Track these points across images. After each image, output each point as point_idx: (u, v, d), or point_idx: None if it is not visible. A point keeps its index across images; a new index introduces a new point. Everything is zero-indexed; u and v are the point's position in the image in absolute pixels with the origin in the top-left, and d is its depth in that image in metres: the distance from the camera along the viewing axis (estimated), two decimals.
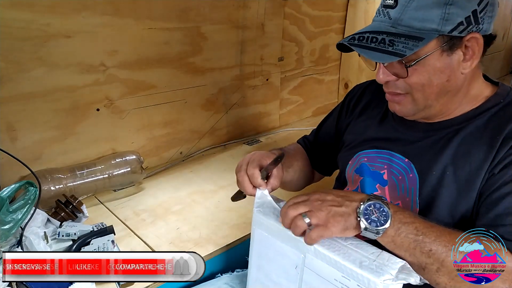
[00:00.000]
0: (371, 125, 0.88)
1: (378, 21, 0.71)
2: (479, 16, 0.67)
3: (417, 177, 0.76)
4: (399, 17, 0.68)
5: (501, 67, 2.29)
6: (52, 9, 1.04)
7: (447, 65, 0.69)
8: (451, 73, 0.70)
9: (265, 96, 1.70)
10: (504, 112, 0.73)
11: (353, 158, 0.88)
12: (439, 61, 0.68)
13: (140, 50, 1.24)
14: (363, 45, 0.69)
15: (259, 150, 0.85)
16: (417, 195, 0.75)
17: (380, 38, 0.68)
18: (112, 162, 1.21)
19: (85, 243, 0.91)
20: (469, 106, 0.76)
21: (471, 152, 0.71)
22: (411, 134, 0.80)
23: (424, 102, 0.73)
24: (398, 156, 0.80)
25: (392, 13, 0.69)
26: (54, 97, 1.11)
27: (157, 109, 1.35)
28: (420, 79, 0.69)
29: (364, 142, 0.87)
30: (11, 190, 0.90)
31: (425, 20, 0.66)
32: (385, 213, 0.63)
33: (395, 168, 0.80)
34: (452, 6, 0.65)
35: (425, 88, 0.71)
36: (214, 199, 1.21)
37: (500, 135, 0.69)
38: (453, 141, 0.74)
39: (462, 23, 0.66)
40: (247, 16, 1.48)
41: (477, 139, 0.72)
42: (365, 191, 0.83)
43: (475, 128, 0.73)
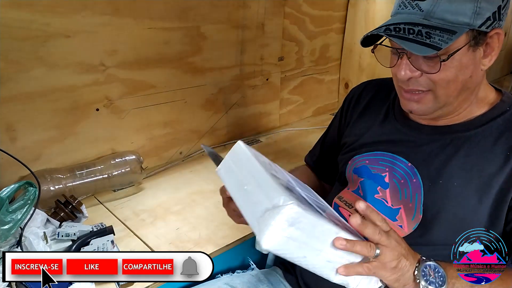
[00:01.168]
0: (372, 126, 0.87)
1: (406, 13, 0.69)
2: (501, 12, 0.67)
3: (421, 183, 0.75)
4: (432, 10, 0.66)
5: (501, 67, 2.29)
6: (52, 9, 1.04)
7: (472, 61, 0.68)
8: (474, 69, 0.69)
9: (265, 96, 1.70)
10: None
11: (353, 159, 0.86)
12: (466, 56, 0.67)
13: (140, 50, 1.24)
14: (401, 36, 0.66)
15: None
16: (421, 202, 0.74)
17: (417, 30, 0.65)
18: (112, 162, 1.21)
19: (85, 243, 0.91)
20: (476, 110, 0.75)
21: (482, 165, 0.70)
22: (415, 136, 0.79)
23: (445, 100, 0.71)
24: (401, 159, 0.78)
25: (423, 5, 0.67)
26: (54, 97, 1.11)
27: (156, 109, 1.35)
28: (447, 75, 0.68)
29: (365, 143, 0.86)
30: (11, 190, 0.89)
31: (458, 14, 0.65)
32: (441, 274, 0.63)
33: (398, 171, 0.78)
34: (483, 1, 0.65)
35: (450, 85, 0.69)
36: (214, 199, 1.20)
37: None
38: (461, 150, 0.73)
39: (490, 18, 0.66)
40: (247, 16, 1.48)
41: (488, 151, 0.71)
42: (366, 193, 0.81)
43: (484, 138, 0.72)
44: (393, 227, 0.69)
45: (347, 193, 0.86)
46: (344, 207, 0.84)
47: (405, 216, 0.75)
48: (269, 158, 0.72)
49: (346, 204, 0.84)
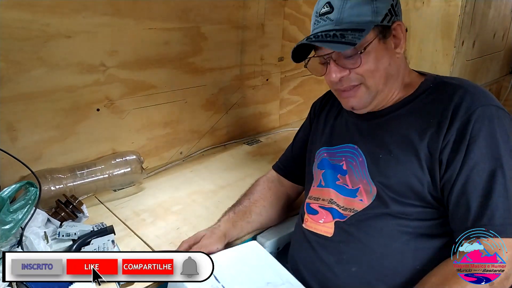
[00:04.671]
0: (328, 124, 0.99)
1: (321, 26, 0.82)
2: (395, 9, 0.82)
3: (365, 160, 0.85)
4: (340, 17, 0.79)
5: (501, 67, 2.29)
6: (52, 9, 1.04)
7: (385, 51, 0.81)
8: (390, 58, 0.82)
9: (265, 96, 1.70)
10: (435, 96, 0.82)
11: (316, 156, 0.97)
12: (379, 47, 0.80)
13: (140, 50, 1.24)
14: (321, 40, 0.78)
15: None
16: (369, 176, 0.83)
17: (332, 33, 0.78)
18: (112, 162, 1.21)
19: (85, 243, 0.91)
20: (404, 93, 0.86)
21: (412, 136, 0.79)
22: (359, 124, 0.90)
23: (376, 88, 0.82)
24: (350, 145, 0.90)
25: (332, 16, 0.80)
26: (54, 97, 1.11)
27: (157, 109, 1.35)
28: (370, 66, 0.80)
29: (325, 139, 0.97)
30: (12, 190, 0.90)
31: (361, 15, 0.78)
32: None
33: (350, 156, 0.89)
34: (377, 2, 0.79)
35: (375, 74, 0.81)
36: (214, 199, 1.21)
37: (437, 115, 0.77)
38: (393, 127, 0.83)
39: (388, 14, 0.80)
40: (247, 16, 1.48)
41: (415, 123, 0.80)
42: (328, 182, 0.91)
43: (412, 113, 0.82)
44: (354, 203, 0.84)
45: (313, 190, 0.95)
46: (313, 202, 0.93)
47: (364, 191, 0.84)
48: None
49: (314, 199, 0.93)
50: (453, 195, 0.74)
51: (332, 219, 0.86)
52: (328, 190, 0.90)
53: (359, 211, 0.82)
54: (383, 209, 0.80)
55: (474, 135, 0.73)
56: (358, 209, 0.82)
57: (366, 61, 0.79)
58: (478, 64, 1.81)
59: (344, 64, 0.80)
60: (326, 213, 0.88)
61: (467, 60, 1.69)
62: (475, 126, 0.73)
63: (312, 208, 0.91)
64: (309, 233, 0.89)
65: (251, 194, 1.06)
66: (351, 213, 0.83)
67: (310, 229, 0.89)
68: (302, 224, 0.92)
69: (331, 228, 0.85)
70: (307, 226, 0.90)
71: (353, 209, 0.83)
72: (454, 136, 0.74)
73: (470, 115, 0.74)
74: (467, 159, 0.73)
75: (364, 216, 0.81)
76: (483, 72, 1.90)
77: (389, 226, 0.79)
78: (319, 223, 0.88)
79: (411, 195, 0.78)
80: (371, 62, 0.79)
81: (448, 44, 1.56)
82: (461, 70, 1.66)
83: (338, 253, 0.83)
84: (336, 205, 0.87)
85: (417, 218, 0.78)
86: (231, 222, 0.97)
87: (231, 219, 0.98)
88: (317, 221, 0.88)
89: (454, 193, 0.74)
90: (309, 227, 0.89)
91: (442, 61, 1.59)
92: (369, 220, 0.81)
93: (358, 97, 0.83)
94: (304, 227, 0.91)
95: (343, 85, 0.83)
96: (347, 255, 0.81)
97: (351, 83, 0.82)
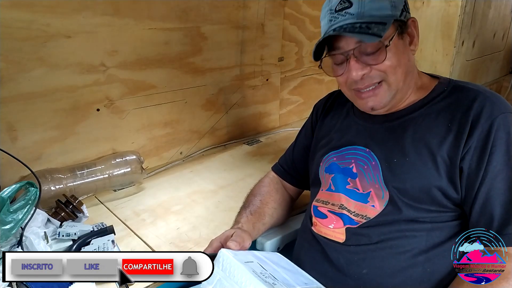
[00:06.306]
0: (335, 126, 0.96)
1: (342, 20, 0.78)
2: (407, 6, 0.82)
3: (379, 164, 0.83)
4: (361, 11, 0.77)
5: (501, 67, 2.29)
6: (52, 9, 1.04)
7: (404, 45, 0.81)
8: (408, 53, 0.81)
9: (265, 96, 1.70)
10: (451, 100, 0.80)
11: (323, 159, 0.94)
12: (399, 42, 0.79)
13: (140, 50, 1.24)
14: (351, 31, 0.76)
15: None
16: (383, 181, 0.81)
17: (358, 25, 0.76)
18: (112, 162, 1.21)
19: (85, 243, 0.91)
20: (417, 96, 0.84)
21: (428, 139, 0.78)
22: (370, 126, 0.88)
23: (396, 85, 0.80)
24: (360, 148, 0.87)
25: (351, 11, 0.77)
26: (54, 97, 1.11)
27: (157, 109, 1.35)
28: (392, 62, 0.78)
29: (331, 142, 0.94)
30: (12, 190, 0.90)
31: (381, 9, 0.77)
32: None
33: (360, 159, 0.86)
34: None
35: (397, 70, 0.79)
36: (214, 199, 1.21)
37: (455, 121, 0.76)
38: (408, 130, 0.81)
39: (403, 9, 0.80)
40: (247, 16, 1.48)
41: (432, 126, 0.79)
42: (338, 186, 0.88)
43: (427, 116, 0.81)
44: (366, 209, 0.81)
45: (322, 193, 0.93)
46: (322, 205, 0.90)
47: (376, 196, 0.81)
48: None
49: (323, 202, 0.91)
50: (476, 203, 0.73)
51: (343, 225, 0.84)
52: (339, 195, 0.87)
53: (372, 218, 0.81)
54: (396, 215, 0.79)
55: (496, 142, 0.72)
56: (371, 216, 0.81)
57: (389, 57, 0.77)
58: (478, 64, 1.81)
59: (365, 61, 0.78)
60: (336, 219, 0.86)
61: (467, 60, 1.69)
62: (497, 134, 0.72)
63: (321, 212, 0.90)
64: (319, 236, 0.87)
65: (260, 195, 1.04)
66: (363, 220, 0.82)
67: (320, 233, 0.87)
68: (312, 227, 0.90)
69: (343, 234, 0.83)
70: (317, 231, 0.88)
71: (365, 216, 0.82)
72: (475, 143, 0.73)
73: (492, 122, 0.73)
74: (491, 167, 0.72)
75: (376, 222, 0.80)
76: (483, 72, 1.90)
77: (401, 231, 0.78)
78: (329, 228, 0.86)
79: (427, 200, 0.76)
80: (394, 58, 0.78)
81: (448, 44, 1.56)
82: (461, 70, 1.66)
83: (350, 255, 0.82)
84: (347, 210, 0.85)
85: (430, 221, 0.77)
86: (251, 223, 0.95)
87: (250, 220, 0.96)
88: (326, 226, 0.86)
89: (478, 200, 0.73)
90: (319, 232, 0.88)
91: (442, 61, 1.59)
92: (382, 227, 0.79)
93: (378, 96, 0.81)
94: (314, 230, 0.89)
95: (364, 83, 0.80)
96: (358, 257, 0.81)
97: (373, 81, 0.80)
